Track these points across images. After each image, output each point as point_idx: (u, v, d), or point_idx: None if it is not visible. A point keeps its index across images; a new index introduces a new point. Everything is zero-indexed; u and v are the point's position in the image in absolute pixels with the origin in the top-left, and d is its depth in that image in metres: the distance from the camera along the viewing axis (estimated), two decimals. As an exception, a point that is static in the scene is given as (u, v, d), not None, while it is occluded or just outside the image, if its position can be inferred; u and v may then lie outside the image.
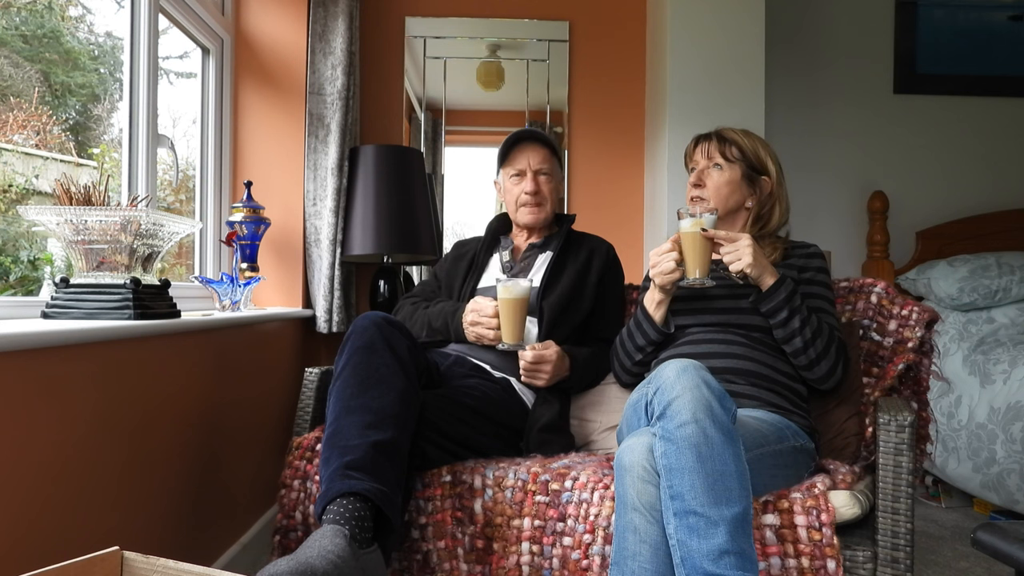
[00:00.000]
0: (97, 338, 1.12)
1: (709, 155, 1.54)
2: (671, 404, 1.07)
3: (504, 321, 1.48)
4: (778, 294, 1.36)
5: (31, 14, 1.60)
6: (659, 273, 1.42)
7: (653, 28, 2.68)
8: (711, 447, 1.02)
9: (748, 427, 1.20)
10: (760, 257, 1.36)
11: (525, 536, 1.23)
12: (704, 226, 1.34)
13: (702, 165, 1.55)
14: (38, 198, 1.59)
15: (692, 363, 1.12)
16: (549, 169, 1.72)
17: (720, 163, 1.52)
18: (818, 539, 1.10)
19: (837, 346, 1.40)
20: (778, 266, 1.48)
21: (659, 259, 1.42)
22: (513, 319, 1.47)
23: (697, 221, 1.35)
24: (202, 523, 1.59)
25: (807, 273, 1.48)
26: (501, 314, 1.48)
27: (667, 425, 1.06)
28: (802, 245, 1.54)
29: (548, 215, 1.74)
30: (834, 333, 1.41)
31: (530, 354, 1.52)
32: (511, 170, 1.73)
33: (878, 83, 3.12)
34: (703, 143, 1.57)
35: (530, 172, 1.70)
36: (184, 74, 2.22)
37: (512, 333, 1.47)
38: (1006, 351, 2.34)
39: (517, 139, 1.72)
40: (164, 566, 0.85)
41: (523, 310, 1.47)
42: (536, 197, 1.71)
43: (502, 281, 1.46)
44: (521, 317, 1.47)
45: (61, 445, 1.06)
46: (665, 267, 1.41)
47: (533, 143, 1.72)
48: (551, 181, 1.73)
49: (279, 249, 2.37)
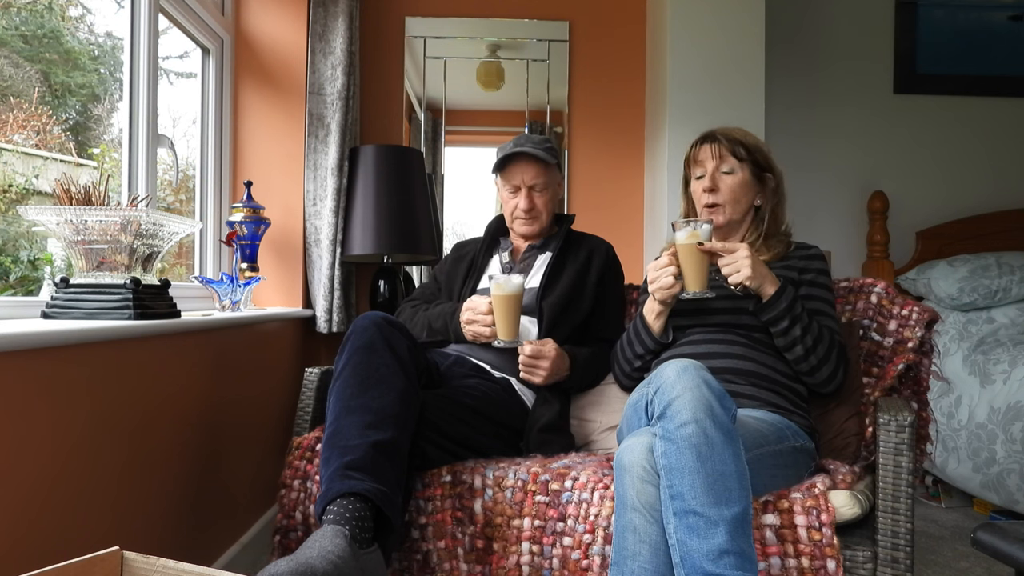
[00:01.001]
0: (97, 338, 1.12)
1: (721, 157, 1.49)
2: (671, 404, 1.06)
3: (499, 318, 1.48)
4: (779, 303, 1.35)
5: (31, 14, 1.60)
6: (659, 288, 1.41)
7: (653, 28, 2.68)
8: (711, 447, 1.02)
9: (748, 427, 1.20)
10: (759, 267, 1.34)
11: (525, 536, 1.23)
12: (700, 238, 1.33)
13: (711, 168, 1.50)
14: (38, 198, 1.59)
15: (692, 363, 1.12)
16: (544, 184, 1.70)
17: (732, 165, 1.49)
18: (818, 539, 1.10)
19: (838, 351, 1.40)
20: (778, 264, 1.48)
21: (657, 274, 1.41)
22: (507, 316, 1.47)
23: (693, 233, 1.33)
24: (202, 523, 1.59)
25: (808, 275, 1.48)
26: (495, 311, 1.48)
27: (667, 425, 1.06)
28: (803, 246, 1.53)
29: (543, 225, 1.74)
30: (835, 338, 1.40)
31: (528, 348, 1.53)
32: (506, 184, 1.72)
33: (878, 83, 3.12)
34: (710, 145, 1.51)
35: (524, 188, 1.69)
36: (184, 74, 2.22)
37: (507, 330, 1.48)
38: (1006, 351, 2.34)
39: (511, 156, 1.69)
40: (164, 566, 0.85)
41: (516, 306, 1.47)
42: (530, 213, 1.71)
43: (495, 278, 1.46)
44: (515, 313, 1.48)
45: (61, 445, 1.06)
46: (664, 282, 1.39)
47: (527, 159, 1.68)
48: (546, 194, 1.71)
49: (279, 249, 2.37)
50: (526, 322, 1.65)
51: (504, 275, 1.48)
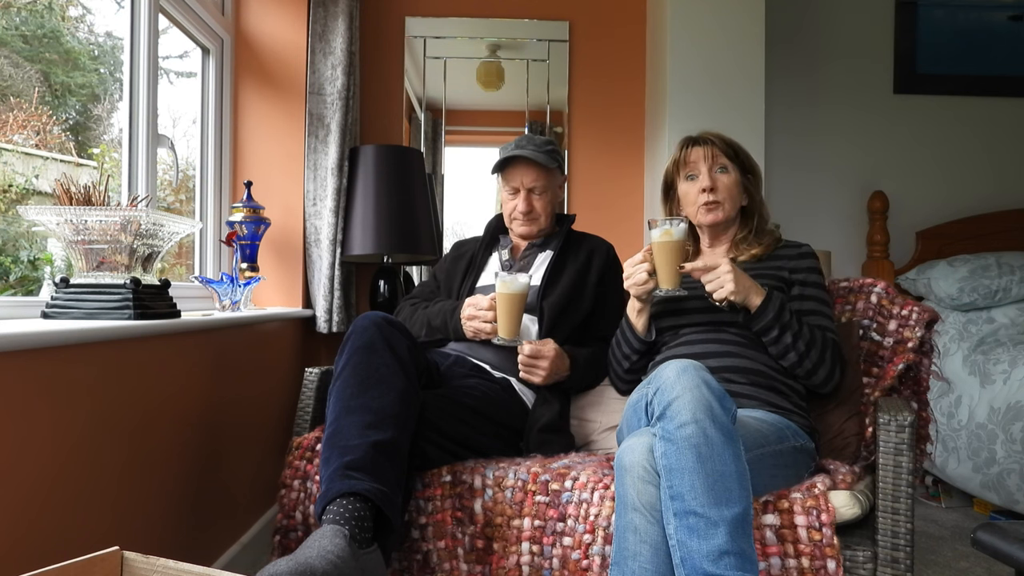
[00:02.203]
0: (97, 338, 1.12)
1: (714, 157, 1.52)
2: (671, 404, 1.06)
3: (501, 315, 1.47)
4: (766, 314, 1.36)
5: (31, 14, 1.60)
6: (633, 284, 1.42)
7: (653, 28, 2.68)
8: (711, 447, 1.02)
9: (748, 427, 1.20)
10: (742, 280, 1.36)
11: (525, 536, 1.23)
12: (673, 235, 1.34)
13: (706, 168, 1.52)
14: (38, 198, 1.59)
15: (692, 363, 1.12)
16: (543, 186, 1.71)
17: (725, 164, 1.52)
18: (818, 539, 1.10)
19: (832, 351, 1.40)
20: (768, 263, 1.48)
21: (632, 270, 1.42)
22: (510, 314, 1.46)
23: (667, 231, 1.35)
24: (202, 523, 1.59)
25: (799, 274, 1.48)
26: (498, 308, 1.48)
27: (667, 425, 1.06)
28: (793, 244, 1.54)
29: (542, 227, 1.75)
30: (828, 337, 1.40)
31: (528, 347, 1.53)
32: (506, 185, 1.73)
33: (878, 83, 3.12)
34: (703, 147, 1.53)
35: (523, 191, 1.70)
36: (184, 74, 2.22)
37: (508, 328, 1.47)
38: (1006, 351, 2.34)
39: (510, 158, 1.70)
40: (164, 566, 0.85)
41: (520, 305, 1.47)
42: (528, 216, 1.71)
43: (501, 275, 1.45)
44: (518, 312, 1.47)
45: (61, 445, 1.06)
46: (638, 278, 1.41)
47: (526, 163, 1.69)
48: (545, 197, 1.72)
49: (279, 249, 2.37)
50: (527, 321, 1.65)
51: (511, 274, 1.47)
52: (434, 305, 1.71)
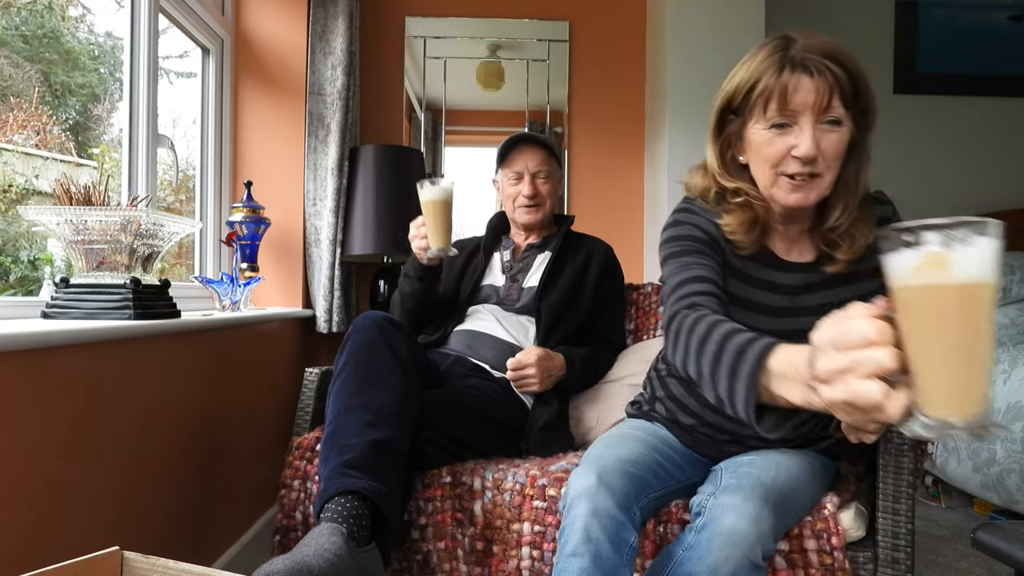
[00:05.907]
0: (97, 338, 1.12)
1: (830, 101, 0.99)
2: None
3: (429, 225, 1.46)
4: None
5: (31, 14, 1.60)
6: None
7: (653, 28, 2.68)
8: None
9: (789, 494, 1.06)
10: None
11: (525, 541, 1.23)
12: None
13: (811, 118, 1.00)
14: (38, 198, 1.59)
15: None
16: (547, 172, 1.72)
17: (840, 116, 1.02)
18: (829, 563, 1.08)
19: None
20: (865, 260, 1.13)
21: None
22: (437, 222, 1.44)
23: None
24: (202, 523, 1.59)
25: None
26: (425, 218, 1.46)
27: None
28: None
29: (547, 214, 1.75)
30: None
31: (510, 363, 1.53)
32: (509, 172, 1.73)
33: (878, 83, 3.11)
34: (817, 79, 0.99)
35: (528, 175, 1.71)
36: (184, 74, 2.22)
37: (438, 237, 1.46)
38: (1006, 351, 2.34)
39: (515, 142, 1.73)
40: (164, 566, 0.85)
41: (445, 212, 1.45)
42: (534, 200, 1.72)
43: (421, 183, 1.44)
44: (445, 219, 1.45)
45: (61, 445, 1.06)
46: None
47: (531, 145, 1.72)
48: (549, 182, 1.73)
49: (279, 249, 2.37)
50: (524, 322, 1.65)
51: (431, 180, 1.45)
52: None
